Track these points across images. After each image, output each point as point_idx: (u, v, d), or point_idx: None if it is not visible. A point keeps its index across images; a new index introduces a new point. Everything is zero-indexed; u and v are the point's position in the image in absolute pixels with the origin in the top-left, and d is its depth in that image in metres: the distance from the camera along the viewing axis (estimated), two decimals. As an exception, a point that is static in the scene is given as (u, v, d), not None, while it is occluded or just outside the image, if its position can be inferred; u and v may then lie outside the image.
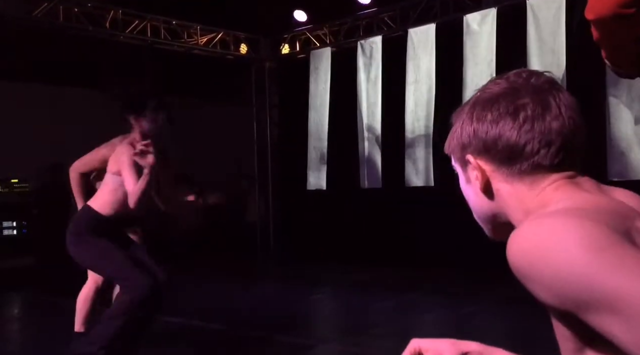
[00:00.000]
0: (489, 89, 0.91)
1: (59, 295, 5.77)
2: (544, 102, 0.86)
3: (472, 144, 0.90)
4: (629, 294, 0.67)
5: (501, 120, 0.87)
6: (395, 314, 4.81)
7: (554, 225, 0.75)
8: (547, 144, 0.86)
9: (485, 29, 6.01)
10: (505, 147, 0.87)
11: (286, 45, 8.18)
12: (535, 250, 0.74)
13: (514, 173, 0.88)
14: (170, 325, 4.18)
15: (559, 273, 0.72)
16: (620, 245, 0.71)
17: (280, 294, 5.96)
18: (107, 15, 6.62)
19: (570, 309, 0.73)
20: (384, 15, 7.05)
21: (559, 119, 0.86)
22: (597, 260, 0.70)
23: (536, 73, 0.91)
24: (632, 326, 0.67)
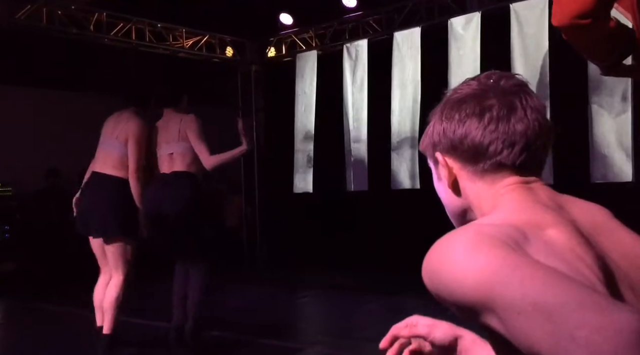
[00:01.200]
0: (460, 90, 0.93)
1: (41, 301, 5.70)
2: (510, 104, 0.88)
3: (441, 143, 0.94)
4: (492, 286, 0.70)
5: (468, 120, 0.90)
6: (381, 316, 4.81)
7: (447, 240, 0.79)
8: (510, 145, 0.88)
9: (470, 32, 6.06)
10: (470, 146, 0.90)
11: (272, 48, 8.17)
12: (432, 268, 0.78)
13: (477, 172, 0.91)
14: (155, 330, 4.15)
15: (447, 284, 0.75)
16: (494, 247, 0.74)
17: (266, 297, 5.95)
18: (92, 17, 6.57)
19: (473, 318, 0.76)
20: (369, 18, 7.08)
21: (523, 121, 0.88)
22: (469, 261, 0.73)
23: (506, 75, 0.93)
24: (501, 317, 0.69)
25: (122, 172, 3.65)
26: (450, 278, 0.75)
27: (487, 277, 0.71)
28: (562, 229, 0.82)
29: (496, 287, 0.70)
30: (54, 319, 5.18)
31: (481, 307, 0.72)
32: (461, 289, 0.73)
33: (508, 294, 0.68)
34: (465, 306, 0.75)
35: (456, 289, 0.74)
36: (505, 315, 0.69)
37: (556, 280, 0.68)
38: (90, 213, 3.63)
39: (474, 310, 0.74)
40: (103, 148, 3.74)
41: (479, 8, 6.10)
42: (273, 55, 8.19)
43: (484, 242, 0.75)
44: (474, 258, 0.73)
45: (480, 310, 0.73)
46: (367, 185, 6.96)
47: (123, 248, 3.62)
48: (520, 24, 5.74)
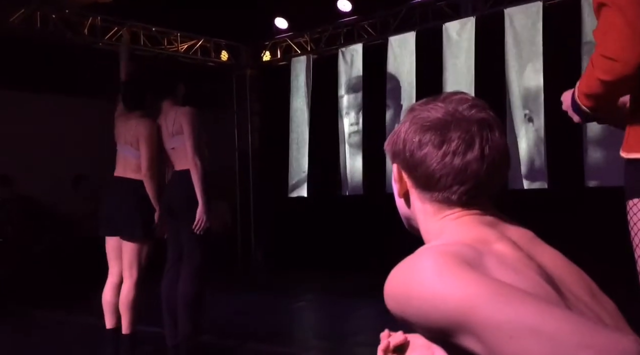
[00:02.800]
0: (428, 111, 0.94)
1: (35, 306, 5.66)
2: (469, 141, 0.90)
3: (400, 157, 0.97)
4: (471, 309, 0.71)
5: (426, 147, 0.92)
6: (376, 321, 4.80)
7: (411, 265, 0.81)
8: (460, 182, 0.91)
9: (465, 37, 6.07)
10: (423, 174, 0.93)
11: (267, 52, 8.17)
12: (399, 290, 0.81)
13: (426, 197, 0.95)
14: (150, 335, 4.12)
15: (418, 307, 0.77)
16: (465, 269, 0.76)
17: (261, 302, 5.92)
18: (86, 21, 6.55)
19: (443, 338, 0.77)
20: (364, 23, 7.09)
21: (478, 161, 0.90)
22: (443, 284, 0.75)
23: (477, 106, 0.93)
24: (483, 340, 0.71)
25: (141, 175, 3.76)
26: (421, 301, 0.76)
27: (468, 300, 0.72)
28: (505, 242, 0.87)
29: (480, 310, 0.71)
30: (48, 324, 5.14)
31: (456, 329, 0.74)
32: (435, 311, 0.75)
33: (496, 318, 0.70)
34: (436, 328, 0.76)
35: (429, 311, 0.76)
36: (491, 337, 0.70)
37: (545, 306, 0.71)
38: (114, 215, 3.72)
39: (446, 331, 0.75)
40: (120, 155, 3.85)
41: (473, 13, 6.13)
42: (268, 59, 8.19)
43: (450, 263, 0.77)
44: (447, 281, 0.75)
45: (454, 332, 0.74)
46: (362, 190, 6.95)
47: (140, 249, 3.69)
48: (514, 29, 5.76)
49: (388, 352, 1.06)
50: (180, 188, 3.65)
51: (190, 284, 3.62)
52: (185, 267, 3.66)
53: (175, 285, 3.68)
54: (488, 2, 6.08)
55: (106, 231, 3.82)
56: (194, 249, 3.64)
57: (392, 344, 1.04)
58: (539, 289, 0.78)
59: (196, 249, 3.63)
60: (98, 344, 3.89)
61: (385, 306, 0.85)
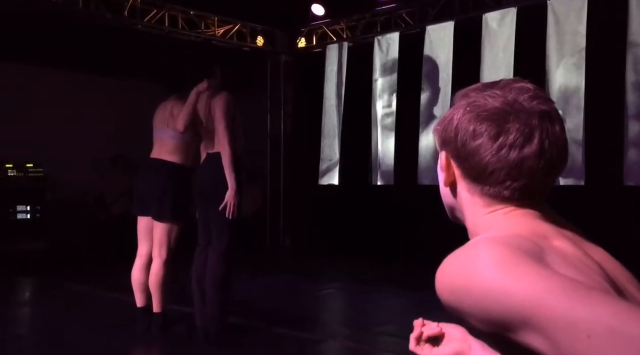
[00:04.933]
0: (485, 99, 0.88)
1: (70, 281, 5.83)
2: (528, 134, 0.84)
3: (451, 146, 0.91)
4: (541, 306, 0.68)
5: (481, 138, 0.86)
6: (405, 311, 4.79)
7: (470, 255, 0.77)
8: (514, 178, 0.85)
9: (505, 28, 5.95)
10: (475, 166, 0.87)
11: (302, 39, 8.16)
12: (456, 282, 0.76)
13: (477, 189, 0.89)
14: (181, 314, 4.21)
15: (478, 299, 0.74)
16: (530, 263, 0.73)
17: (289, 288, 5.97)
18: (126, 3, 6.64)
19: (499, 332, 0.74)
20: (402, 11, 7.01)
21: (536, 157, 0.84)
22: (508, 277, 0.71)
23: (539, 97, 0.87)
24: (551, 337, 0.68)
25: (177, 157, 3.86)
26: (482, 293, 0.73)
27: (537, 295, 0.69)
28: (564, 239, 0.83)
29: (551, 306, 0.67)
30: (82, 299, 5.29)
31: (519, 324, 0.70)
32: (498, 305, 0.71)
33: (571, 315, 0.66)
34: (496, 322, 0.73)
35: (490, 304, 0.72)
36: (562, 336, 0.67)
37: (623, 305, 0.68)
38: (146, 195, 3.82)
39: (506, 326, 0.72)
40: (158, 137, 3.94)
41: (515, 3, 5.98)
42: (303, 45, 8.18)
43: (513, 255, 0.74)
44: (512, 273, 0.72)
45: (516, 327, 0.71)
46: (393, 180, 6.91)
47: (169, 230, 3.79)
48: (557, 21, 5.61)
49: (421, 341, 1.04)
50: (211, 171, 3.69)
51: (217, 266, 3.68)
52: (214, 249, 3.71)
53: (204, 267, 3.74)
54: (531, -8, 5.94)
55: (138, 211, 3.91)
56: (222, 232, 3.68)
57: (426, 334, 1.02)
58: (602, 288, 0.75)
59: (224, 232, 3.68)
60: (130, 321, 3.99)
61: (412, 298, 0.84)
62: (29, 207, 7.10)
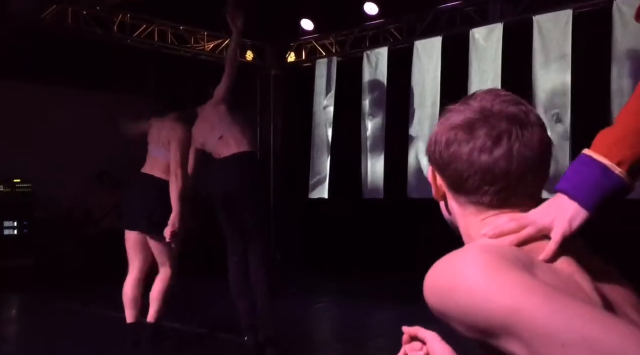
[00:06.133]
0: (459, 110, 0.89)
1: (57, 297, 5.76)
2: (496, 136, 0.84)
3: (432, 159, 0.93)
4: (520, 313, 0.68)
5: (452, 146, 0.87)
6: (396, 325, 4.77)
7: (457, 260, 0.77)
8: (489, 182, 0.85)
9: (492, 43, 6.02)
10: (452, 174, 0.88)
11: (292, 53, 8.20)
12: (441, 285, 0.77)
13: (461, 199, 0.90)
14: (172, 332, 4.17)
15: (461, 303, 0.74)
16: (514, 271, 0.73)
17: (280, 302, 5.93)
18: (115, 19, 6.65)
19: (484, 339, 0.74)
20: (390, 26, 7.08)
21: (506, 158, 0.83)
22: (491, 283, 0.72)
23: (510, 101, 0.87)
24: (529, 344, 0.68)
25: (168, 176, 3.89)
26: (466, 298, 0.73)
27: (518, 303, 0.69)
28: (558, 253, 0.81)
29: (531, 315, 0.68)
30: (69, 315, 5.23)
31: (500, 331, 0.71)
32: (482, 311, 0.72)
33: (550, 324, 0.67)
34: (478, 327, 0.73)
35: (474, 310, 0.72)
36: (540, 344, 0.67)
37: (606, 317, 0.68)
38: (135, 209, 3.84)
39: (488, 332, 0.72)
40: (151, 155, 3.98)
41: (501, 19, 6.07)
42: (293, 60, 8.22)
43: (499, 263, 0.74)
44: (495, 280, 0.72)
45: (497, 334, 0.71)
46: (382, 194, 6.94)
47: (164, 243, 3.79)
48: (542, 36, 5.70)
49: None
50: (236, 173, 3.75)
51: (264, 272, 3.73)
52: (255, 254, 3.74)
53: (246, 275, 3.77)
54: (517, 8, 6.02)
55: (126, 224, 3.91)
56: (261, 235, 3.72)
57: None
58: None
59: (263, 234, 3.72)
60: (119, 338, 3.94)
61: (404, 311, 0.84)
62: (16, 222, 7.03)
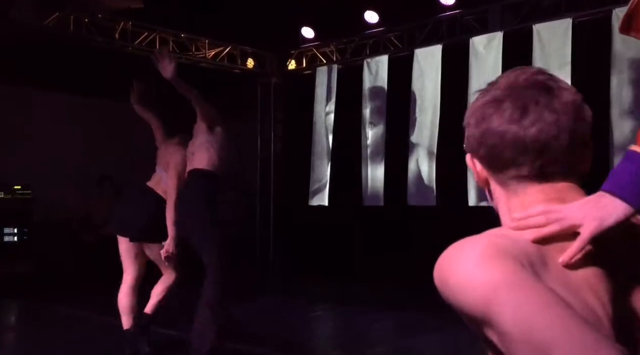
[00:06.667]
0: (487, 92, 0.88)
1: (57, 303, 5.75)
2: (523, 106, 0.82)
3: (468, 145, 0.90)
4: (494, 307, 0.68)
5: (483, 123, 0.85)
6: (395, 333, 4.77)
7: (460, 247, 0.76)
8: (523, 152, 0.82)
9: (492, 51, 6.05)
10: (487, 153, 0.85)
11: (292, 61, 8.23)
12: (442, 272, 0.76)
13: (501, 179, 0.86)
14: (168, 338, 4.16)
15: (452, 290, 0.74)
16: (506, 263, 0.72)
17: (279, 309, 5.93)
18: (117, 26, 6.68)
19: (475, 327, 0.74)
20: (390, 34, 7.11)
21: (536, 125, 0.81)
22: (478, 271, 0.71)
23: (531, 72, 0.86)
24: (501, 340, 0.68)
25: None
26: (456, 286, 0.73)
27: (488, 293, 0.69)
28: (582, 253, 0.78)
29: (494, 305, 0.68)
30: (69, 322, 5.22)
31: (482, 320, 0.71)
32: (465, 299, 0.72)
33: (502, 316, 0.67)
34: (469, 315, 0.74)
35: (461, 298, 0.73)
36: (500, 336, 0.68)
37: (552, 310, 0.66)
38: (125, 215, 3.89)
39: (476, 321, 0.73)
40: (157, 173, 4.07)
41: (502, 28, 6.09)
42: (293, 67, 8.25)
43: (495, 254, 0.73)
44: (481, 270, 0.71)
45: (481, 322, 0.72)
46: (382, 201, 6.94)
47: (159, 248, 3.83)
48: (543, 45, 5.72)
49: None
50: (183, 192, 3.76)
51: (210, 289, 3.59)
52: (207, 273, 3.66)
53: None
54: (517, 17, 6.05)
55: (114, 227, 3.95)
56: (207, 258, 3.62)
57: None
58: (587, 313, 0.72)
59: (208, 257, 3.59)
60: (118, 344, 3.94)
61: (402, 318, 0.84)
62: (16, 229, 7.03)
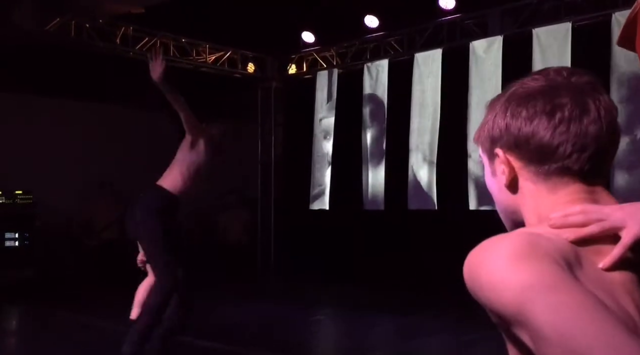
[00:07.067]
0: (526, 85, 0.88)
1: (58, 308, 5.75)
2: (583, 104, 0.83)
3: (503, 139, 0.87)
4: (527, 307, 0.67)
5: (536, 118, 0.84)
6: (395, 337, 4.77)
7: (493, 243, 0.75)
8: (581, 148, 0.82)
9: (491, 55, 6.06)
10: (538, 146, 0.84)
11: (293, 65, 8.25)
12: (472, 266, 0.75)
13: (541, 173, 0.85)
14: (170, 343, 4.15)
15: (483, 287, 0.73)
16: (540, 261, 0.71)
17: (280, 313, 5.93)
18: (118, 31, 6.71)
19: (504, 325, 0.73)
20: (391, 39, 7.13)
21: (596, 123, 0.82)
22: (511, 269, 0.70)
23: (578, 72, 0.87)
24: (535, 341, 0.67)
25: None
26: (488, 283, 0.72)
27: (523, 292, 0.68)
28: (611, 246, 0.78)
29: (529, 306, 0.67)
30: (70, 327, 5.22)
31: (513, 320, 0.70)
32: (497, 297, 0.71)
33: (539, 318, 0.66)
34: (498, 313, 0.73)
35: (492, 295, 0.72)
36: (535, 338, 0.67)
37: (591, 314, 0.65)
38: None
39: (506, 319, 0.72)
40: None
41: (501, 32, 6.11)
42: (294, 72, 8.26)
43: (531, 253, 0.72)
44: (515, 268, 0.70)
45: (513, 322, 0.71)
46: (383, 205, 6.94)
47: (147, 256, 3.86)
48: (542, 49, 5.74)
49: None
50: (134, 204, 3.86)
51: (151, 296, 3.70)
52: None
53: None
54: (516, 21, 6.07)
55: None
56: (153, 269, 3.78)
57: None
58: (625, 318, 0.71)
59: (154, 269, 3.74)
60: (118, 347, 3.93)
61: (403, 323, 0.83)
62: (17, 234, 7.04)
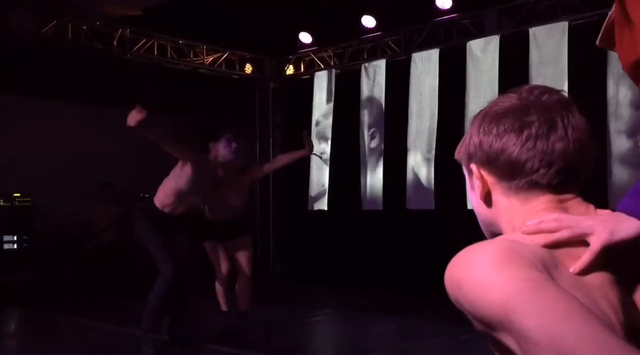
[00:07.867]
0: (500, 103, 0.91)
1: (58, 311, 5.74)
2: (550, 122, 0.86)
3: (477, 155, 0.92)
4: (512, 311, 0.69)
5: (505, 135, 0.88)
6: (393, 339, 4.77)
7: (474, 250, 0.78)
8: (548, 164, 0.86)
9: (488, 55, 6.07)
10: (507, 162, 0.88)
11: (291, 66, 8.25)
12: (454, 273, 0.77)
13: (512, 187, 0.89)
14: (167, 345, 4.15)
15: (466, 293, 0.75)
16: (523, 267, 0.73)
17: (279, 315, 5.93)
18: (115, 33, 6.70)
19: (488, 331, 0.75)
20: (388, 39, 7.13)
21: (563, 141, 0.86)
22: (494, 275, 0.72)
23: (550, 91, 0.91)
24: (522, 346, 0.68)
25: None
26: (471, 290, 0.74)
27: (508, 297, 0.70)
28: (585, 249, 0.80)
29: (516, 310, 0.69)
30: (70, 330, 5.21)
31: (499, 325, 0.72)
32: (481, 303, 0.73)
33: (526, 322, 0.68)
34: (483, 320, 0.74)
35: (476, 301, 0.74)
36: (522, 341, 0.68)
37: (577, 315, 0.67)
38: None
39: (491, 325, 0.73)
40: None
41: (498, 31, 6.12)
42: (291, 73, 8.27)
43: (513, 259, 0.74)
44: (498, 274, 0.73)
45: (498, 328, 0.72)
46: (382, 206, 6.94)
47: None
48: (539, 48, 5.74)
49: None
50: None
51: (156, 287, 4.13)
52: None
53: None
54: (513, 21, 6.08)
55: None
56: None
57: None
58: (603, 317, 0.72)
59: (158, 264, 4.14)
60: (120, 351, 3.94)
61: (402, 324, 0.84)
62: (15, 237, 7.03)
